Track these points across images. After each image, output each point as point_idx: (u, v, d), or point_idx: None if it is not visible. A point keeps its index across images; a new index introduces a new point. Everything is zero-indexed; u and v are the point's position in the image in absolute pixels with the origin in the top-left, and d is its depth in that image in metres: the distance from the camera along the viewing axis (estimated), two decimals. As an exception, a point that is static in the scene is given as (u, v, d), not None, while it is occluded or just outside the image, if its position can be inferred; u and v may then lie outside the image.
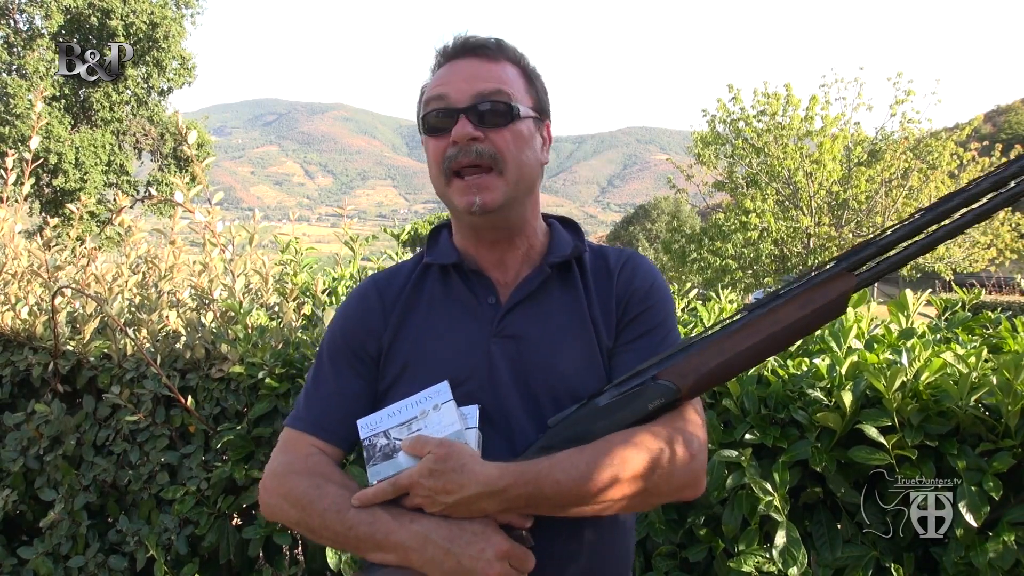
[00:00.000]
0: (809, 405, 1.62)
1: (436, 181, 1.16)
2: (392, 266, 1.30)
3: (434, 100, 1.13)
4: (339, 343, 1.21)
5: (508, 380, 1.12)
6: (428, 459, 1.00)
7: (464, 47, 1.16)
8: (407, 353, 1.16)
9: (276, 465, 1.14)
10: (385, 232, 11.97)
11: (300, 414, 1.19)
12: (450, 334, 1.16)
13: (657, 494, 1.05)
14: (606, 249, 1.27)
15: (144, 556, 2.27)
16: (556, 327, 1.16)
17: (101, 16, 22.55)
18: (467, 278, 1.19)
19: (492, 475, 0.98)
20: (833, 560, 1.54)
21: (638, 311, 1.18)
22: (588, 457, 1.00)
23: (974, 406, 1.48)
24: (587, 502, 1.01)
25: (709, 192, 18.58)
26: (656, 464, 1.02)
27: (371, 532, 1.02)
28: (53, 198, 21.92)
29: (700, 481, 1.07)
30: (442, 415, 1.05)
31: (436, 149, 1.13)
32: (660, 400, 1.04)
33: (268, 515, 1.14)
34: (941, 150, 15.45)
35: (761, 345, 1.03)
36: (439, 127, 1.13)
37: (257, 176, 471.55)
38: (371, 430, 1.08)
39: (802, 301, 1.02)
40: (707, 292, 2.96)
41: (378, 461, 1.05)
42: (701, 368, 1.04)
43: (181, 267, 2.80)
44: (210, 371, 2.34)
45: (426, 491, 1.00)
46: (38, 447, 2.56)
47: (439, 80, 1.15)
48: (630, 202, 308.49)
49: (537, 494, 0.99)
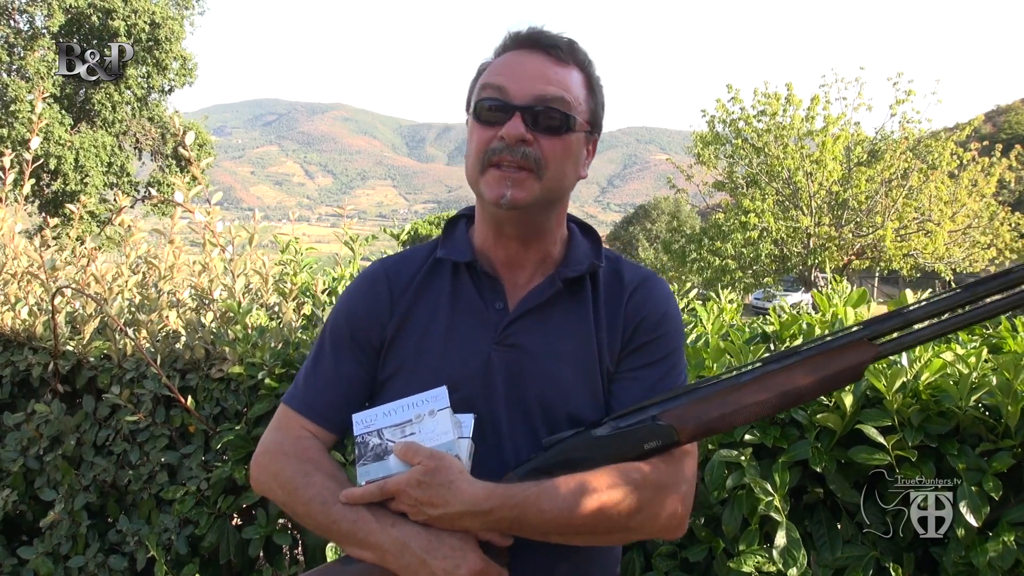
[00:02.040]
0: (809, 405, 1.62)
1: (471, 168, 1.12)
2: (403, 251, 1.27)
3: (491, 88, 1.09)
4: (342, 327, 1.20)
5: (503, 390, 1.11)
6: (417, 470, 1.00)
7: (536, 41, 1.11)
8: (408, 350, 1.15)
9: (268, 442, 1.17)
10: (385, 232, 11.89)
11: (297, 392, 1.19)
12: (453, 337, 1.14)
13: (638, 532, 1.07)
14: (623, 263, 1.22)
15: (144, 556, 2.27)
16: (559, 342, 1.13)
17: (102, 16, 22.56)
18: (478, 279, 1.16)
19: (478, 496, 0.99)
20: (833, 560, 1.54)
21: (646, 340, 1.15)
22: (575, 489, 1.00)
23: (974, 406, 1.48)
24: (568, 533, 1.02)
25: (709, 192, 18.56)
26: (641, 507, 1.02)
27: (352, 530, 1.03)
28: (53, 199, 21.93)
29: (682, 526, 1.07)
30: (437, 422, 1.05)
31: (482, 138, 1.09)
32: (657, 442, 1.04)
33: (256, 488, 1.16)
34: (941, 150, 15.44)
35: (767, 403, 1.02)
36: (491, 119, 1.08)
37: (257, 176, 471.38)
38: (365, 427, 1.08)
39: (817, 364, 1.00)
40: (707, 292, 2.96)
41: (368, 461, 1.06)
42: (702, 416, 1.03)
43: (181, 267, 2.80)
44: (210, 371, 2.34)
45: (412, 500, 1.01)
46: (38, 447, 2.56)
47: (502, 69, 1.10)
48: (630, 202, 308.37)
49: (521, 519, 1.00)
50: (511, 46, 1.13)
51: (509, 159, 1.07)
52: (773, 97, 16.20)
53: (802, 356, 1.02)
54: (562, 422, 1.10)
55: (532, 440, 1.10)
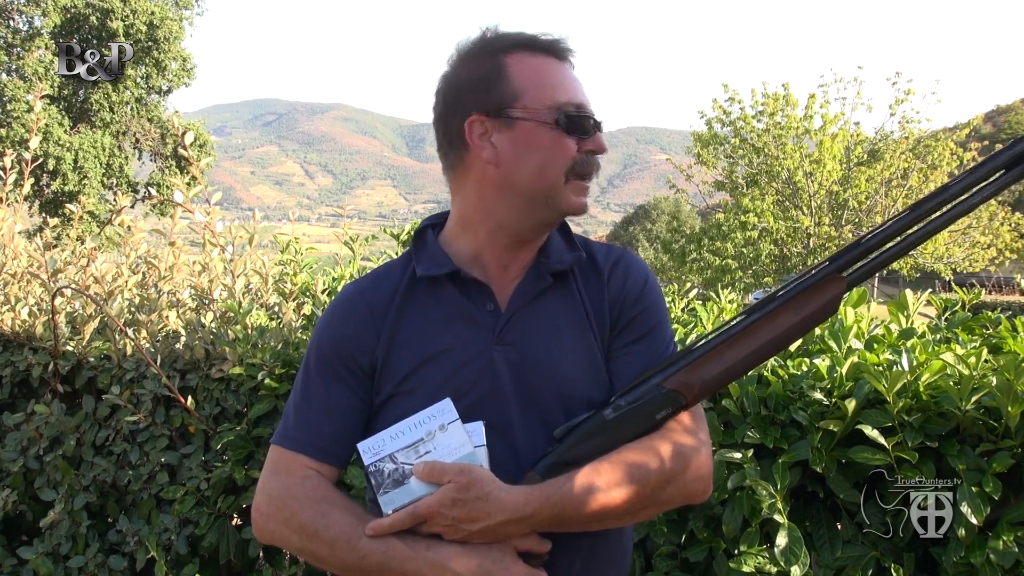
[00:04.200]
0: (809, 406, 1.62)
1: (549, 177, 1.09)
2: (374, 271, 1.23)
3: (574, 104, 1.10)
4: (328, 356, 1.14)
5: (511, 388, 1.10)
6: (450, 488, 0.98)
7: (566, 53, 1.14)
8: (405, 367, 1.11)
9: (272, 488, 1.09)
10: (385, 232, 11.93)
11: (290, 432, 1.12)
12: (450, 345, 1.11)
13: (670, 503, 1.08)
14: (592, 245, 1.23)
15: (144, 556, 2.27)
16: (557, 333, 1.14)
17: (101, 16, 22.57)
18: (463, 286, 1.14)
19: (519, 502, 0.99)
20: (833, 560, 1.54)
21: (634, 314, 1.16)
22: (607, 475, 1.02)
23: (974, 407, 1.48)
24: (609, 518, 1.03)
25: (709, 192, 18.57)
26: (671, 475, 1.04)
27: (386, 561, 1.00)
28: (52, 199, 21.93)
29: (710, 485, 1.10)
30: (450, 436, 1.03)
31: (570, 148, 1.09)
32: (667, 410, 1.06)
33: (263, 540, 1.10)
34: (941, 150, 15.44)
35: (761, 350, 1.06)
36: (584, 130, 1.10)
37: (257, 176, 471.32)
38: (375, 454, 1.04)
39: (798, 305, 1.05)
40: (707, 292, 2.96)
41: (389, 488, 1.02)
42: (705, 376, 1.06)
43: (181, 267, 2.80)
44: (210, 371, 2.34)
45: (448, 521, 0.99)
46: (38, 447, 2.56)
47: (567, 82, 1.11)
48: (630, 202, 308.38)
49: (562, 516, 1.00)
50: (550, 53, 1.12)
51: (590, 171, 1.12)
52: (772, 97, 16.20)
53: (782, 301, 1.05)
54: (574, 411, 1.10)
55: (545, 434, 1.09)
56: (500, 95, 1.08)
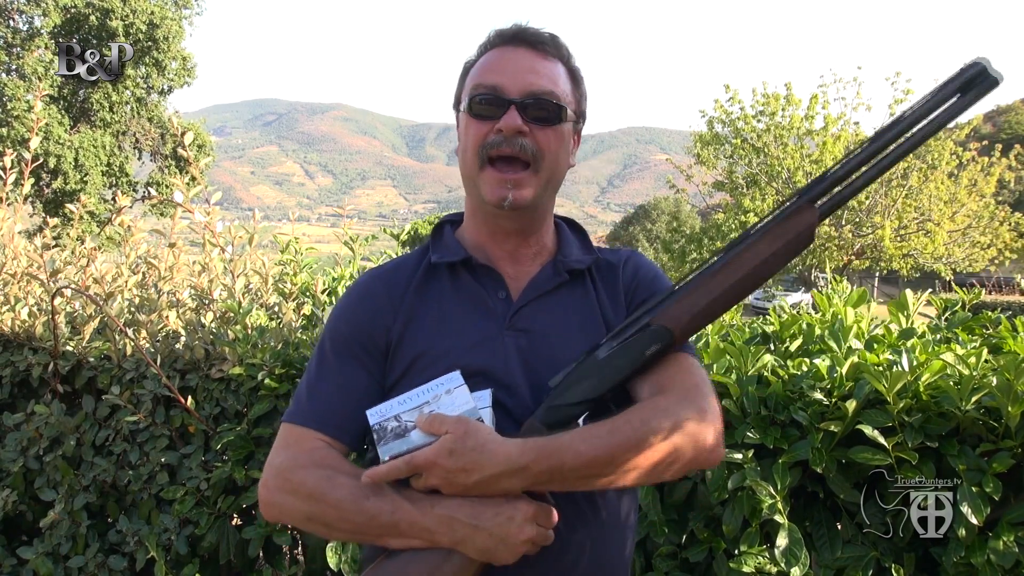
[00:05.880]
0: (809, 406, 1.62)
1: (468, 164, 1.16)
2: (393, 260, 1.27)
3: (484, 85, 1.13)
4: (345, 336, 1.17)
5: (520, 372, 1.12)
6: (447, 439, 0.96)
7: (522, 37, 1.16)
8: (418, 346, 1.14)
9: (280, 461, 1.08)
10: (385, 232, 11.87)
11: (302, 409, 1.14)
12: (462, 327, 1.15)
13: (680, 460, 1.01)
14: (604, 250, 1.30)
15: (144, 556, 2.27)
16: (566, 324, 1.17)
17: (101, 16, 22.56)
18: (476, 273, 1.19)
19: (512, 453, 0.96)
20: (833, 560, 1.54)
21: (647, 294, 1.20)
22: (608, 424, 0.99)
23: (974, 408, 1.48)
24: (612, 470, 0.98)
25: (709, 192, 18.57)
26: (676, 424, 1.00)
27: (394, 520, 0.99)
28: (53, 199, 21.93)
29: (720, 448, 1.05)
30: (454, 397, 1.03)
31: (478, 133, 1.13)
32: (657, 345, 1.07)
33: (271, 515, 1.08)
34: (941, 150, 15.43)
35: (743, 280, 1.07)
36: (486, 114, 1.13)
37: (257, 176, 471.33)
38: (381, 416, 1.05)
39: (775, 235, 1.06)
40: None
41: (389, 440, 1.02)
42: (692, 309, 1.07)
43: (181, 267, 2.80)
44: (210, 371, 2.34)
45: (444, 472, 0.96)
46: (38, 447, 2.56)
47: (493, 65, 1.15)
48: (630, 202, 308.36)
49: (560, 467, 0.97)
50: (497, 42, 1.17)
51: (508, 152, 1.12)
52: (772, 97, 16.20)
53: (760, 233, 1.07)
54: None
55: None
56: (459, 91, 1.20)
